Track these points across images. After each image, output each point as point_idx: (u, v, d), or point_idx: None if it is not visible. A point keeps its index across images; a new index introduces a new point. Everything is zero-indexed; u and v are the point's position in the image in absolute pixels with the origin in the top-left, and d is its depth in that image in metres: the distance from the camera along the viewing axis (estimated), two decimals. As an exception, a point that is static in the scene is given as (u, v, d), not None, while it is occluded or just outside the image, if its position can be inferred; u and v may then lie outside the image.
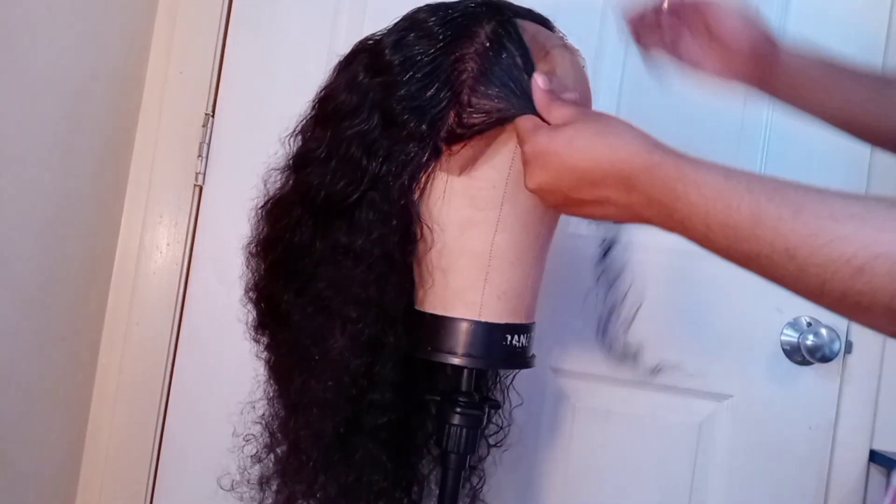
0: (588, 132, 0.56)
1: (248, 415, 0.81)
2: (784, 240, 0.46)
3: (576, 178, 0.56)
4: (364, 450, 0.71)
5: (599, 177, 0.55)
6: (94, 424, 1.18)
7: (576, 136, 0.56)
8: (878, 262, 0.42)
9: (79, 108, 1.05)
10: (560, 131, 0.57)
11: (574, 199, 0.57)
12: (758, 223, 0.47)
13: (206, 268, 1.18)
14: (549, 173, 0.57)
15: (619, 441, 1.13)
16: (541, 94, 0.61)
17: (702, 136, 1.14)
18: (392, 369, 0.69)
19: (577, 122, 0.57)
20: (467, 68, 0.64)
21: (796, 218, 0.45)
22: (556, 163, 0.57)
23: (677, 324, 1.13)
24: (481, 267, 0.67)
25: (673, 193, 0.51)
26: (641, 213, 0.54)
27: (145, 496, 1.18)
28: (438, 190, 0.66)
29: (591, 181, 0.55)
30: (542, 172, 0.57)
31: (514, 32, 0.65)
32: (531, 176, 0.58)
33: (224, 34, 1.19)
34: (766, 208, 0.47)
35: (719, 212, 0.49)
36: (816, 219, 0.44)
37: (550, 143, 0.57)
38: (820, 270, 0.44)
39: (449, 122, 0.64)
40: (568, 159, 0.56)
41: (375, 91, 0.65)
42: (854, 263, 0.43)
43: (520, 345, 0.69)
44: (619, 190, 0.54)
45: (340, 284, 0.67)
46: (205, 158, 1.18)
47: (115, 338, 1.18)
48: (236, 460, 0.82)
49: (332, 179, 0.66)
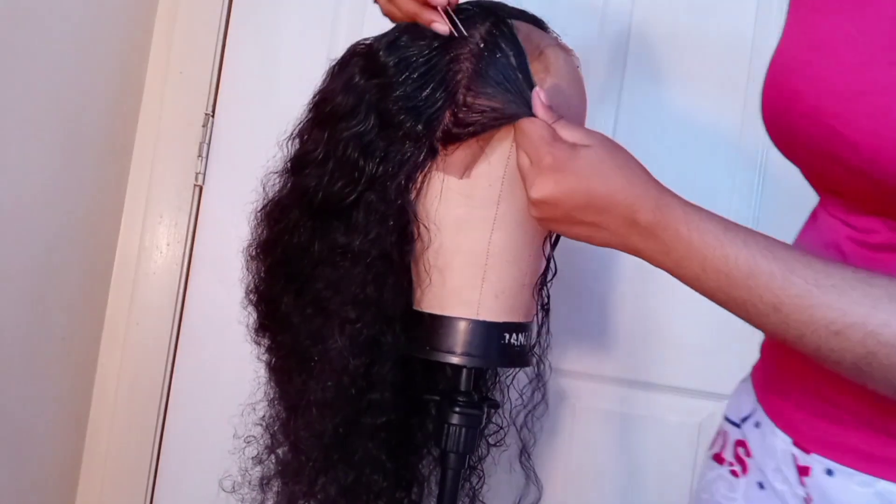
0: (610, 160, 0.57)
1: (249, 416, 0.81)
2: (773, 295, 0.51)
3: (586, 200, 0.57)
4: (364, 450, 0.71)
5: (609, 205, 0.56)
6: (94, 424, 1.18)
7: (599, 162, 0.57)
8: (852, 330, 0.49)
9: (79, 108, 1.05)
10: (582, 153, 0.58)
11: (573, 218, 0.59)
12: (751, 275, 0.52)
13: (206, 268, 1.18)
14: (560, 189, 0.58)
15: (619, 441, 1.13)
16: (543, 112, 0.61)
17: (701, 137, 1.14)
18: (391, 369, 0.69)
19: (596, 147, 0.58)
20: (462, 68, 0.64)
21: (786, 279, 0.51)
22: (573, 181, 0.57)
23: (677, 323, 1.13)
24: (478, 266, 0.67)
25: (675, 234, 0.55)
26: (635, 245, 0.57)
27: (145, 496, 1.18)
28: (435, 189, 0.66)
29: (599, 207, 0.57)
30: (554, 185, 0.58)
31: (508, 32, 0.65)
32: (540, 186, 0.58)
33: (224, 34, 1.19)
34: (759, 263, 0.52)
35: (717, 258, 0.53)
36: (804, 282, 0.51)
37: (571, 161, 0.57)
38: (800, 326, 0.51)
39: (445, 122, 0.64)
40: (586, 181, 0.57)
41: (371, 92, 0.65)
42: (832, 328, 0.50)
43: (518, 343, 0.69)
44: (620, 220, 0.57)
45: (339, 285, 0.67)
46: (205, 158, 1.18)
47: (115, 338, 1.18)
48: (237, 461, 0.82)
49: (330, 181, 0.66)
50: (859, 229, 0.58)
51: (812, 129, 0.56)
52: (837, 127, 0.54)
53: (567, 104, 0.67)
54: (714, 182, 1.14)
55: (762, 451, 0.67)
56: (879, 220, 0.56)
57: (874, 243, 0.57)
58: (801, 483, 0.62)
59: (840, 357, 0.51)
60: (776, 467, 0.65)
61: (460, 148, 0.64)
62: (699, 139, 1.14)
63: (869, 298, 0.49)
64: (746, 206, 1.13)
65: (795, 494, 0.62)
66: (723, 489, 0.71)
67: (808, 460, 0.61)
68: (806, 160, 0.61)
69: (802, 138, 0.58)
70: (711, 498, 0.73)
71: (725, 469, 0.72)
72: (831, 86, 0.55)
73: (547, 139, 0.59)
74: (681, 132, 1.14)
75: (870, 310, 0.49)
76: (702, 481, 0.76)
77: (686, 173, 1.14)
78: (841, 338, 0.50)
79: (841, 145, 0.54)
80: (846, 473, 0.58)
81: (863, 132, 0.52)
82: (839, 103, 0.54)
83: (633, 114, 1.16)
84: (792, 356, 0.64)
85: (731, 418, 0.73)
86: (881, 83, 0.52)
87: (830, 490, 0.59)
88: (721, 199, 1.13)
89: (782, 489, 0.64)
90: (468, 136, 0.64)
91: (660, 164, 1.14)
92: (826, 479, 0.60)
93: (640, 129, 1.15)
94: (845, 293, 0.50)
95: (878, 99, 0.52)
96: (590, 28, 1.16)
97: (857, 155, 0.53)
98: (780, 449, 0.64)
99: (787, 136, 0.61)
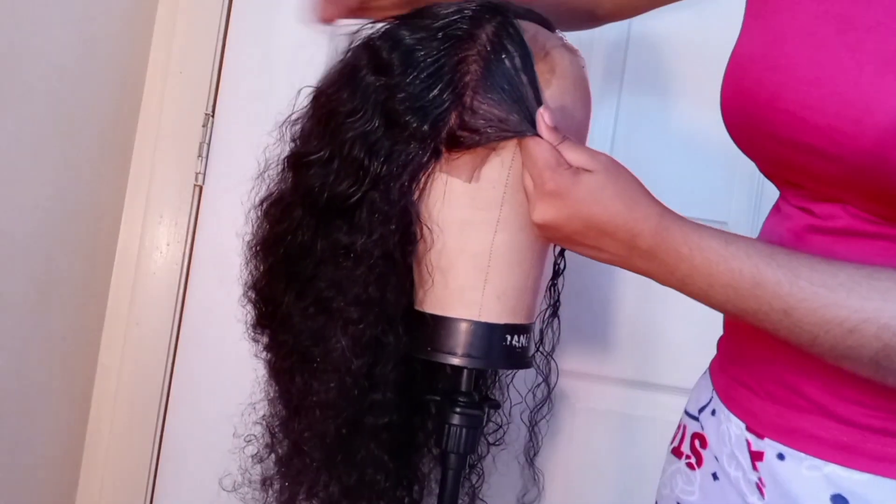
0: (611, 186, 0.58)
1: (249, 416, 0.81)
2: (782, 301, 0.53)
3: (586, 225, 0.58)
4: (366, 450, 0.71)
5: (610, 229, 0.58)
6: (94, 424, 1.18)
7: (600, 189, 0.58)
8: (866, 325, 0.50)
9: (79, 108, 1.05)
10: (584, 179, 0.59)
11: (575, 241, 0.60)
12: (757, 285, 0.53)
13: (206, 268, 1.18)
14: (561, 214, 0.59)
15: (618, 441, 1.13)
16: (548, 133, 0.62)
17: (702, 137, 1.14)
18: (393, 369, 0.69)
19: (599, 173, 0.59)
20: (470, 70, 0.64)
21: (793, 284, 0.52)
22: (573, 207, 0.58)
23: (678, 324, 1.13)
24: (481, 267, 0.67)
25: (677, 255, 0.56)
26: (638, 266, 0.59)
27: (145, 496, 1.18)
28: (438, 190, 0.66)
29: (599, 231, 0.58)
30: (555, 211, 0.59)
31: (515, 33, 0.65)
32: (542, 211, 0.59)
33: (224, 34, 1.19)
34: (765, 273, 0.53)
35: (721, 273, 0.55)
36: (811, 285, 0.52)
37: (574, 187, 0.58)
38: (813, 328, 0.52)
39: (450, 123, 0.64)
40: (586, 208, 0.58)
41: (378, 92, 0.65)
42: (846, 325, 0.51)
43: (519, 345, 0.69)
44: (620, 243, 0.58)
45: (341, 285, 0.67)
46: (205, 158, 1.18)
47: (115, 338, 1.18)
48: (237, 461, 0.82)
49: (336, 180, 0.66)
50: (820, 216, 0.60)
51: (775, 117, 0.58)
52: (799, 113, 0.55)
53: (571, 116, 0.67)
54: (714, 182, 1.14)
55: (717, 439, 0.69)
56: (839, 207, 0.58)
57: (835, 229, 0.58)
58: (753, 468, 0.63)
59: (857, 354, 0.51)
60: (730, 453, 0.66)
61: (466, 153, 0.65)
62: (699, 139, 1.14)
63: (877, 292, 0.51)
64: (747, 205, 1.13)
65: (748, 480, 0.64)
66: (681, 483, 0.73)
67: (761, 445, 0.63)
68: (769, 151, 0.62)
69: (766, 128, 0.59)
70: (671, 493, 0.75)
71: (683, 463, 0.73)
72: (791, 74, 0.56)
73: (551, 164, 0.59)
74: (681, 133, 1.14)
75: (881, 303, 0.50)
76: (663, 476, 0.78)
77: (686, 174, 1.14)
78: (856, 335, 0.51)
79: (803, 132, 0.56)
80: (797, 457, 0.60)
81: (825, 116, 0.54)
82: (800, 91, 0.56)
83: (634, 114, 1.16)
84: (747, 344, 0.66)
85: (689, 411, 0.76)
86: (836, 69, 0.54)
87: (780, 473, 0.61)
88: (721, 199, 1.13)
89: (736, 475, 0.66)
90: (474, 145, 0.64)
91: (660, 165, 1.15)
92: (777, 463, 0.61)
93: (640, 130, 1.15)
94: (853, 290, 0.51)
95: (836, 85, 0.53)
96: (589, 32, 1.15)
97: (820, 140, 0.55)
98: (735, 435, 0.66)
99: (748, 129, 0.62)
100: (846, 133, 0.52)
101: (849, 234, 0.58)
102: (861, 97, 0.52)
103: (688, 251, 0.56)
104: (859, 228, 0.57)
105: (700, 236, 0.56)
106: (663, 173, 1.16)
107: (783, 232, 0.64)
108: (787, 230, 0.63)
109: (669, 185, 1.20)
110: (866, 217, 0.56)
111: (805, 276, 0.52)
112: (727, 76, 0.64)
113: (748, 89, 0.60)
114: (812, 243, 0.60)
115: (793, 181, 0.62)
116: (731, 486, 0.66)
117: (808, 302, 0.52)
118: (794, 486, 0.60)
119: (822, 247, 0.59)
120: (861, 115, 0.52)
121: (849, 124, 0.52)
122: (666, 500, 0.76)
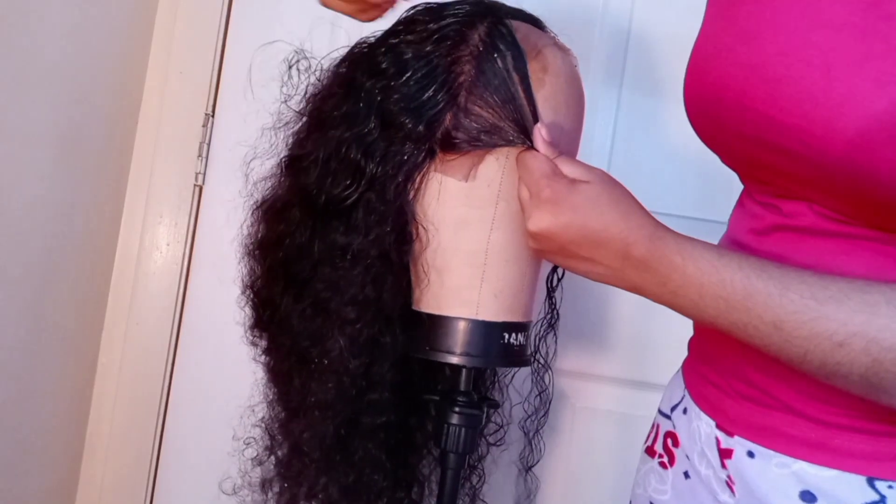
0: (606, 196, 0.58)
1: (248, 418, 0.81)
2: (772, 314, 0.52)
3: (581, 234, 0.58)
4: (364, 450, 0.71)
5: (604, 239, 0.57)
6: (94, 424, 1.18)
7: (596, 197, 0.58)
8: (855, 339, 0.49)
9: (79, 108, 1.05)
10: (580, 188, 0.59)
11: (569, 252, 0.60)
12: (748, 297, 0.52)
13: (206, 268, 1.18)
14: (557, 222, 0.58)
15: (619, 441, 1.13)
16: (544, 148, 0.62)
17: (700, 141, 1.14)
18: (390, 369, 0.69)
19: (595, 183, 0.59)
20: (464, 70, 0.64)
21: (783, 295, 0.51)
22: (569, 216, 0.58)
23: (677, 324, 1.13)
24: (477, 265, 0.67)
25: (670, 265, 0.56)
26: (631, 279, 0.58)
27: (145, 496, 1.18)
28: (433, 190, 0.66)
29: (594, 241, 0.58)
30: (552, 220, 0.59)
31: (507, 33, 0.65)
32: (538, 219, 0.59)
33: (224, 34, 1.19)
34: (756, 284, 0.52)
35: (713, 284, 0.54)
36: (801, 297, 0.51)
37: (570, 195, 0.58)
38: (804, 342, 0.51)
39: (445, 124, 0.64)
40: (582, 215, 0.58)
41: (373, 94, 0.65)
42: (835, 339, 0.50)
43: (517, 343, 0.69)
44: (614, 254, 0.58)
45: (338, 285, 0.67)
46: (205, 158, 1.18)
47: (115, 338, 1.18)
48: (237, 463, 0.82)
49: (333, 182, 0.66)
50: (786, 213, 0.59)
51: (741, 114, 0.57)
52: (768, 112, 0.55)
53: (565, 114, 0.67)
54: (714, 182, 1.14)
55: (688, 437, 0.69)
56: (805, 205, 0.57)
57: (799, 227, 0.58)
58: (722, 466, 0.63)
59: (847, 371, 0.50)
60: (701, 451, 0.66)
61: (461, 155, 0.65)
62: (699, 139, 1.14)
63: (867, 305, 0.49)
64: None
65: (718, 478, 0.64)
66: (654, 482, 0.73)
67: (730, 443, 0.63)
68: (735, 148, 0.61)
69: (732, 126, 0.59)
70: (644, 492, 0.75)
71: (656, 462, 0.74)
72: (757, 71, 0.56)
73: (547, 173, 0.60)
74: (681, 133, 1.14)
75: (869, 316, 0.49)
76: (637, 475, 0.78)
77: (686, 174, 1.14)
78: (845, 349, 0.49)
79: (771, 131, 0.55)
80: (766, 455, 0.60)
81: (793, 117, 0.53)
82: (766, 88, 0.55)
83: (634, 114, 1.16)
84: (716, 343, 0.66)
85: (662, 410, 0.76)
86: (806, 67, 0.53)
87: (749, 471, 0.61)
88: (720, 199, 1.13)
89: (707, 473, 0.66)
90: (469, 148, 0.64)
91: (660, 165, 1.15)
92: (747, 460, 0.61)
93: (640, 130, 1.15)
94: (843, 303, 0.50)
95: (805, 85, 0.52)
96: (589, 29, 1.15)
97: (789, 140, 0.54)
98: (705, 433, 0.66)
99: (713, 124, 0.62)
100: (815, 136, 0.51)
101: (813, 232, 0.57)
102: (831, 99, 0.51)
103: (681, 260, 0.55)
104: (824, 227, 0.56)
105: (693, 247, 0.56)
106: (663, 173, 1.16)
107: (747, 231, 0.63)
108: (750, 229, 0.63)
109: (669, 185, 1.21)
110: (831, 216, 0.56)
111: (795, 288, 0.51)
112: (689, 71, 0.63)
113: (712, 85, 0.60)
114: (776, 242, 0.59)
115: (759, 178, 0.62)
116: (702, 485, 0.66)
117: (798, 314, 0.51)
118: (763, 483, 0.60)
119: (785, 245, 0.58)
120: (832, 117, 0.50)
121: (819, 127, 0.51)
122: (639, 499, 0.76)
